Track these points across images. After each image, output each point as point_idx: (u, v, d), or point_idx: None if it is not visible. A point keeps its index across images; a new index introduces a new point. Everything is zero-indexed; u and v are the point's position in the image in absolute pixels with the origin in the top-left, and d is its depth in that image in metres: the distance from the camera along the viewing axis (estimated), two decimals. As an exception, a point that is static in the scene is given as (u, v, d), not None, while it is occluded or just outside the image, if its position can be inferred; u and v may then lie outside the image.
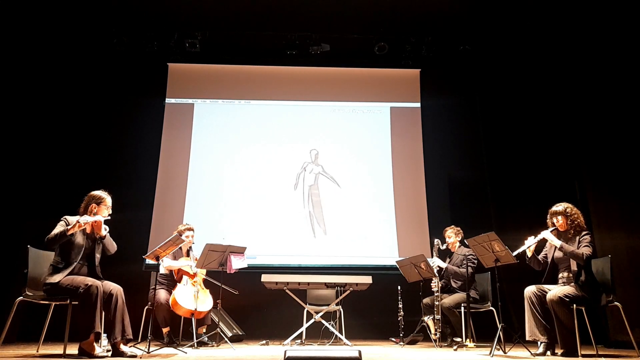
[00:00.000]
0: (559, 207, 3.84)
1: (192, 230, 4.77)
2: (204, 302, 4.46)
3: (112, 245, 3.60)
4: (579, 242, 3.70)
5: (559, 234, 3.81)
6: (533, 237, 3.79)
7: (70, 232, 3.28)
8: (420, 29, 6.52)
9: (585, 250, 3.60)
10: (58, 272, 3.30)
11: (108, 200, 3.58)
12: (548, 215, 3.88)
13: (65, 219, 3.39)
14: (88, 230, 3.48)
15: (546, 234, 3.76)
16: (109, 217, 3.56)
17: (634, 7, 5.03)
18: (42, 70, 5.97)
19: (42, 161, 5.90)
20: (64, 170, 6.10)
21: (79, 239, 3.42)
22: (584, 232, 3.74)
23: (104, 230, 3.50)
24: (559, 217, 3.81)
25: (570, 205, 3.84)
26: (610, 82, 5.33)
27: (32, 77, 5.82)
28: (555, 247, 3.72)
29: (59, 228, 3.32)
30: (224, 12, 6.12)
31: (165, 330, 4.47)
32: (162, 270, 4.55)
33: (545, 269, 3.86)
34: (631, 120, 5.06)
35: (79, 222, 3.29)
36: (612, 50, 5.32)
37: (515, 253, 3.80)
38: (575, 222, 3.77)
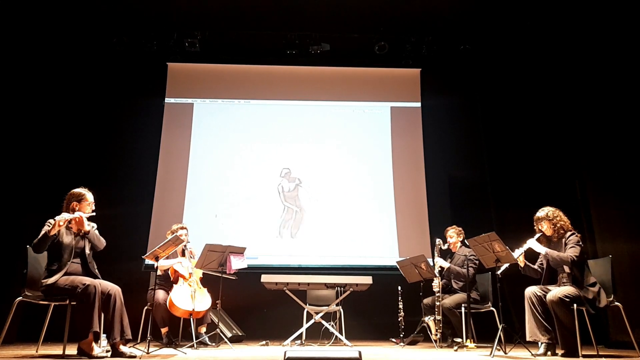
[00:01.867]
0: (540, 212, 3.86)
1: (186, 229, 4.76)
2: (201, 301, 4.44)
3: (98, 241, 3.53)
4: (565, 244, 3.70)
5: (547, 239, 3.82)
6: (520, 248, 3.79)
7: (52, 233, 3.23)
8: (421, 28, 6.51)
9: (571, 252, 3.59)
10: (53, 274, 3.29)
11: (89, 196, 3.51)
12: (534, 222, 3.88)
13: (49, 222, 3.33)
14: (74, 229, 3.44)
15: (531, 242, 3.78)
16: (94, 214, 3.50)
17: (634, 7, 5.02)
18: (43, 70, 5.96)
19: (42, 161, 5.89)
20: (63, 170, 6.07)
21: (67, 239, 3.39)
22: (569, 234, 3.73)
23: (88, 226, 3.44)
24: (543, 223, 3.83)
25: (552, 208, 3.85)
26: (610, 82, 5.31)
27: (32, 76, 5.81)
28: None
29: (42, 232, 3.27)
30: (224, 11, 6.11)
31: (164, 330, 4.46)
32: (158, 272, 4.54)
33: (543, 274, 3.85)
34: (632, 121, 5.05)
35: (57, 221, 3.23)
36: (612, 50, 5.30)
37: (502, 269, 3.79)
38: (558, 225, 3.77)
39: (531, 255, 3.85)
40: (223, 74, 6.98)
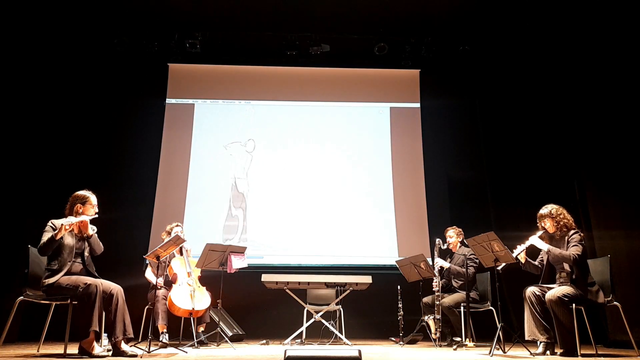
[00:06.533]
0: (544, 210, 3.86)
1: (180, 225, 4.79)
2: (200, 300, 4.46)
3: (98, 246, 3.60)
4: (568, 242, 3.71)
5: (549, 236, 3.83)
6: (521, 245, 3.80)
7: (58, 237, 3.29)
8: (420, 29, 6.53)
9: (573, 251, 3.59)
10: (54, 273, 3.33)
11: (93, 199, 3.56)
12: (537, 220, 3.90)
13: (51, 222, 3.40)
14: (75, 230, 3.48)
15: (533, 239, 3.78)
16: (96, 216, 3.55)
17: (634, 7, 5.04)
18: (44, 71, 5.98)
19: (43, 161, 5.91)
20: (64, 170, 6.10)
21: (68, 239, 3.43)
22: (572, 232, 3.73)
23: (91, 230, 3.51)
24: (546, 220, 3.82)
25: (555, 206, 3.84)
26: (609, 82, 5.33)
27: (33, 77, 5.82)
28: None
29: (47, 235, 3.33)
30: (224, 12, 6.13)
31: (161, 327, 4.45)
32: (146, 275, 4.70)
33: (543, 270, 3.87)
34: (630, 121, 5.07)
35: (63, 225, 3.31)
36: (612, 51, 5.32)
37: (502, 265, 3.81)
38: (562, 223, 3.76)
39: (531, 252, 3.86)
40: (224, 75, 7.00)
